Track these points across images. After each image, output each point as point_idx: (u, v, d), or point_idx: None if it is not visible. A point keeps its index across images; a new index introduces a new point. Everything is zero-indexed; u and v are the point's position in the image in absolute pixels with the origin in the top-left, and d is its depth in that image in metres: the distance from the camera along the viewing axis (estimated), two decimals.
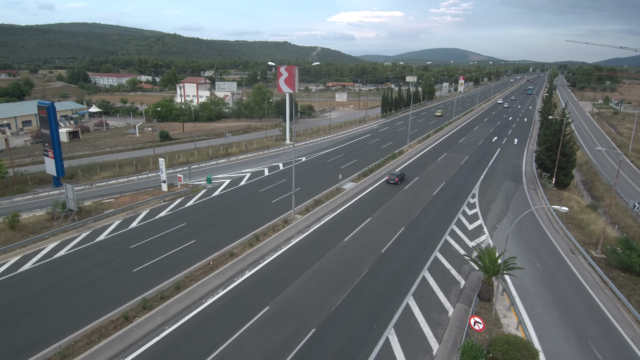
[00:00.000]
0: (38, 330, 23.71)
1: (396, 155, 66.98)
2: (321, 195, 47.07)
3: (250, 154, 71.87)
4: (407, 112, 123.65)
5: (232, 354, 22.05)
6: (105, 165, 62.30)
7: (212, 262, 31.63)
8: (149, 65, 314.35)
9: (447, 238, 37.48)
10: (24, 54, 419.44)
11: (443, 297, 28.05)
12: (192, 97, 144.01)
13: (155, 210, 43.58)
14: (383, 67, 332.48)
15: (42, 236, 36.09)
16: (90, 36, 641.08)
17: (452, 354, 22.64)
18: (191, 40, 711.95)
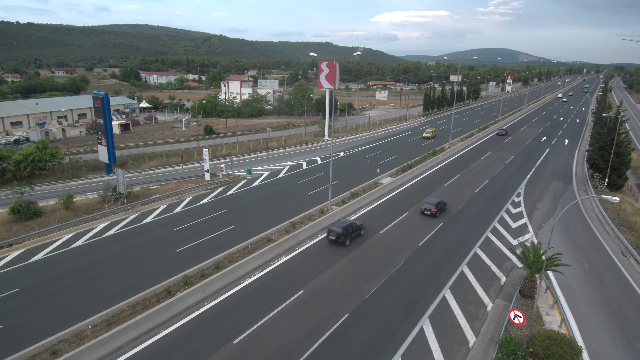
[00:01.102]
0: (86, 300, 25.32)
1: (437, 152, 65.59)
2: (358, 189, 46.96)
3: (289, 149, 72.87)
4: (450, 111, 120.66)
5: (267, 332, 22.56)
6: (153, 155, 65.40)
7: (250, 245, 32.44)
8: (195, 64, 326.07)
9: (489, 235, 36.31)
10: (81, 53, 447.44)
11: (482, 292, 27.24)
12: (235, 94, 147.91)
13: (198, 197, 45.23)
14: (426, 66, 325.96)
15: (94, 216, 38.47)
16: (141, 37, 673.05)
17: (490, 348, 21.95)
18: (236, 41, 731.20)
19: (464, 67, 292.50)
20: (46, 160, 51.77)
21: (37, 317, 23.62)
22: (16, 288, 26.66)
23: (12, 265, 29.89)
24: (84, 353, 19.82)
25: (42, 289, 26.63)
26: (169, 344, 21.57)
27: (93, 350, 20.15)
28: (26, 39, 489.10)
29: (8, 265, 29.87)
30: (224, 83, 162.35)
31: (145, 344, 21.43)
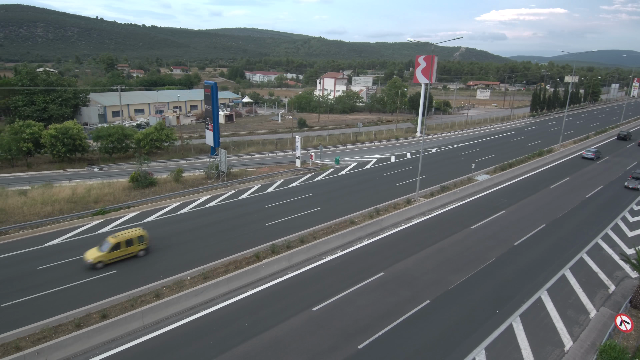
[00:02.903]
0: (186, 257, 28.12)
1: (544, 152, 59.99)
2: (449, 183, 45.03)
3: (378, 143, 72.46)
4: (562, 113, 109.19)
5: (345, 304, 22.90)
6: (252, 142, 70.10)
7: (334, 226, 33.12)
8: (294, 64, 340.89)
9: (599, 241, 32.35)
10: (195, 54, 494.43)
11: (585, 298, 24.43)
12: (329, 90, 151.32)
13: (288, 181, 47.38)
14: (537, 66, 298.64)
15: (198, 189, 42.53)
16: (248, 40, 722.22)
17: (588, 355, 19.62)
18: (334, 42, 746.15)
19: (581, 68, 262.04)
20: (162, 140, 58.48)
21: (144, 266, 26.91)
22: None
23: (128, 223, 34.39)
24: (182, 299, 22.10)
25: (151, 244, 30.21)
26: (255, 301, 23.08)
27: (190, 297, 22.38)
28: (150, 40, 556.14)
29: (125, 223, 34.44)
30: (319, 80, 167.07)
31: (234, 299, 23.21)
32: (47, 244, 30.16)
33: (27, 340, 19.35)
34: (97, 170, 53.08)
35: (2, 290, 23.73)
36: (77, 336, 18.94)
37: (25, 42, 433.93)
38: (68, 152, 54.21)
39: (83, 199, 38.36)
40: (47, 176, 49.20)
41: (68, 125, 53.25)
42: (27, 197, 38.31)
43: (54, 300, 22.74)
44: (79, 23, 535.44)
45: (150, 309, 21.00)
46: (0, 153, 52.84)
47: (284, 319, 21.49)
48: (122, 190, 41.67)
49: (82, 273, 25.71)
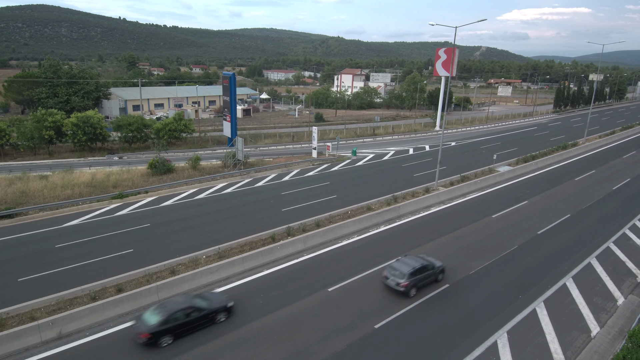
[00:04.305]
0: (202, 238, 28.04)
1: (568, 146, 58.17)
2: (469, 173, 44.00)
3: (397, 136, 71.53)
4: (586, 110, 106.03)
5: (361, 286, 22.42)
6: (268, 135, 70.08)
7: (350, 211, 32.63)
8: (312, 63, 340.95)
9: (627, 232, 31.03)
10: (215, 54, 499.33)
11: (612, 286, 23.35)
12: (347, 87, 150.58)
13: (304, 171, 47.05)
14: (560, 65, 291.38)
15: (215, 177, 42.60)
16: (267, 40, 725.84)
17: (616, 341, 18.66)
18: (352, 42, 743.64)
19: (606, 67, 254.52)
20: (180, 130, 58.91)
21: (161, 246, 26.92)
22: (148, 223, 30.78)
23: (146, 207, 34.62)
24: (197, 275, 21.97)
25: (168, 226, 30.31)
26: (270, 281, 22.80)
27: (205, 275, 22.22)
28: (171, 40, 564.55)
29: (143, 206, 34.67)
30: (336, 76, 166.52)
31: (249, 278, 22.98)
32: (66, 224, 30.55)
33: (42, 311, 19.46)
34: (117, 159, 53.82)
35: (20, 266, 24.04)
36: (92, 308, 18.96)
37: (50, 41, 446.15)
38: (89, 141, 55.11)
39: (102, 184, 38.83)
40: (67, 163, 50.07)
41: (89, 114, 54.15)
42: (48, 181, 39.01)
43: (71, 276, 22.89)
44: (102, 23, 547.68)
45: (166, 284, 20.92)
46: (24, 141, 54.07)
47: (299, 298, 21.13)
48: (140, 176, 42.06)
49: (99, 251, 25.88)
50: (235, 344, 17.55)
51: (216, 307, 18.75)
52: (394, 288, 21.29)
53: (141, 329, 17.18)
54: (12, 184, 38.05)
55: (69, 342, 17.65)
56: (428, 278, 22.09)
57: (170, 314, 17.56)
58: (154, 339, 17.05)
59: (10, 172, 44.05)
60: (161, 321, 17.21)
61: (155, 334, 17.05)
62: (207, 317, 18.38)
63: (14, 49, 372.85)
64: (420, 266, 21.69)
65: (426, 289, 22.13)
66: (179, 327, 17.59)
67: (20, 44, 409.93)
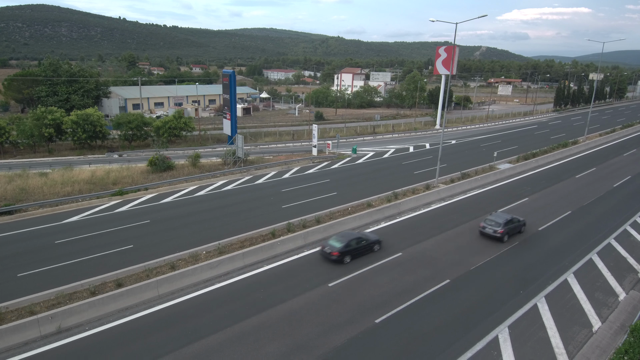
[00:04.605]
0: (203, 234, 27.96)
1: (568, 144, 58.10)
2: (470, 171, 43.92)
3: (397, 134, 71.47)
4: (586, 109, 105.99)
5: (362, 281, 22.35)
6: (268, 133, 70.05)
7: (351, 208, 32.56)
8: (312, 63, 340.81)
9: (628, 228, 30.95)
10: (214, 53, 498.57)
11: (614, 282, 23.28)
12: (347, 86, 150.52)
13: (305, 168, 46.99)
14: (560, 65, 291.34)
15: (215, 174, 42.56)
16: (266, 39, 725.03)
17: (618, 336, 18.58)
18: (352, 42, 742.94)
19: (606, 67, 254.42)
20: (180, 128, 58.82)
21: (161, 242, 26.85)
22: (147, 220, 30.73)
23: (146, 203, 34.56)
24: (197, 270, 21.89)
25: (168, 222, 30.25)
26: (271, 276, 22.73)
27: (205, 270, 22.15)
28: (171, 40, 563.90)
29: (143, 203, 34.61)
30: (337, 75, 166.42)
31: (249, 273, 22.91)
32: (66, 220, 30.47)
33: (42, 306, 19.39)
34: (117, 157, 53.75)
35: (19, 262, 23.98)
36: (92, 302, 18.89)
37: (50, 41, 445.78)
38: (88, 139, 55.04)
39: (102, 181, 38.78)
40: (67, 161, 50.01)
41: (89, 112, 54.08)
42: (48, 178, 38.94)
43: (70, 271, 22.83)
44: (102, 23, 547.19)
45: (166, 279, 20.84)
46: (23, 139, 53.99)
47: (299, 293, 21.06)
48: (140, 174, 41.99)
49: (99, 247, 25.81)
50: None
51: (373, 240, 25.34)
52: (492, 235, 27.37)
53: (332, 249, 23.77)
54: (11, 181, 37.99)
55: (69, 337, 17.58)
56: (516, 229, 28.31)
57: (348, 241, 24.11)
58: (340, 257, 23.71)
59: (10, 170, 43.97)
60: (344, 245, 23.83)
61: (342, 254, 23.71)
62: (368, 247, 25.04)
63: (14, 48, 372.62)
64: (510, 218, 27.96)
65: (426, 283, 22.11)
66: (353, 250, 24.22)
67: (20, 43, 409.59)
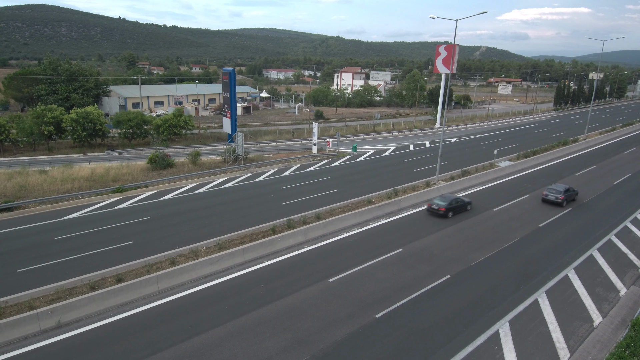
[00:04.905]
0: (203, 231, 27.93)
1: (568, 142, 58.07)
2: (470, 168, 43.94)
3: (397, 133, 71.44)
4: (586, 108, 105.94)
5: (362, 277, 22.31)
6: (268, 132, 69.99)
7: (351, 204, 32.52)
8: (312, 62, 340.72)
9: (628, 225, 30.95)
10: (214, 53, 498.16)
11: (614, 277, 23.26)
12: (347, 85, 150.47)
13: (305, 166, 46.96)
14: (560, 64, 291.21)
15: (215, 171, 42.53)
16: (266, 39, 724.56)
17: (619, 331, 18.55)
18: (352, 42, 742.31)
19: (606, 66, 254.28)
20: (180, 126, 58.76)
21: (161, 238, 26.80)
22: (147, 216, 30.69)
23: (146, 200, 34.52)
24: (197, 266, 21.85)
25: (168, 219, 30.20)
26: (270, 272, 22.69)
27: (205, 265, 22.11)
28: (171, 40, 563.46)
29: (143, 200, 34.57)
30: (337, 74, 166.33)
31: (249, 269, 22.86)
32: (66, 217, 30.43)
33: (41, 301, 19.35)
34: (117, 155, 53.69)
35: (19, 257, 23.92)
36: (92, 297, 18.84)
37: (49, 41, 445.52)
38: (88, 137, 54.98)
39: (102, 178, 38.73)
40: (67, 159, 49.94)
41: (89, 110, 54.01)
42: (47, 175, 38.91)
43: (70, 267, 22.77)
44: (102, 23, 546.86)
45: (166, 275, 20.80)
46: (23, 137, 53.93)
47: (299, 289, 21.02)
48: (140, 171, 41.94)
49: (99, 243, 25.76)
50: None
51: (466, 202, 32.51)
52: (553, 200, 33.91)
53: (439, 206, 30.93)
54: (11, 178, 37.94)
55: (68, 331, 17.52)
56: (572, 196, 34.74)
57: (450, 201, 31.36)
58: (446, 212, 30.82)
59: (9, 167, 43.93)
60: (447, 204, 31.00)
61: (447, 210, 30.85)
62: (463, 206, 32.16)
63: (14, 48, 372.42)
64: (568, 187, 34.61)
65: (426, 279, 22.07)
66: (454, 208, 31.32)
67: (20, 43, 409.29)
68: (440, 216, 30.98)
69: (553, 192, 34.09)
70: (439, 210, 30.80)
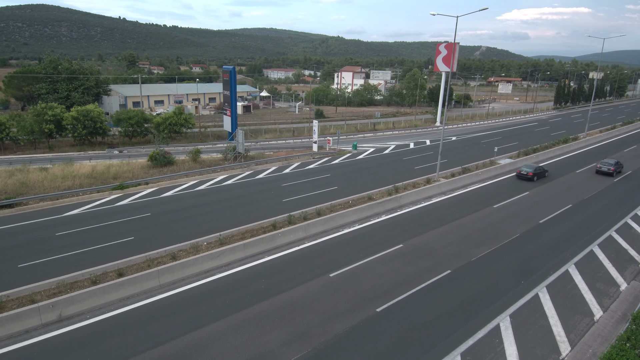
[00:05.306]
0: (204, 227, 27.92)
1: (569, 140, 58.12)
2: (470, 165, 43.98)
3: (397, 131, 71.46)
4: (586, 107, 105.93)
5: (363, 271, 22.34)
6: (269, 130, 70.02)
7: (351, 201, 32.57)
8: (312, 62, 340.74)
9: (629, 221, 30.97)
10: (215, 53, 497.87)
11: (615, 272, 23.29)
12: (347, 84, 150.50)
13: (305, 164, 46.99)
14: (560, 64, 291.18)
15: (215, 169, 42.53)
16: (266, 39, 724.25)
17: (620, 325, 18.58)
18: (352, 42, 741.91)
19: (606, 66, 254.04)
20: (181, 125, 58.80)
21: (162, 234, 26.83)
22: (148, 213, 30.72)
23: (147, 197, 34.56)
24: (198, 261, 21.88)
25: (169, 215, 30.24)
26: (271, 267, 22.72)
27: (206, 260, 22.14)
28: (171, 40, 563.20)
29: (144, 197, 34.61)
30: (337, 74, 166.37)
31: (250, 264, 22.89)
32: (66, 213, 30.46)
33: (43, 295, 19.37)
34: (117, 153, 53.71)
35: (20, 253, 23.94)
36: (93, 291, 18.86)
37: (49, 40, 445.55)
38: (89, 135, 55.01)
39: (102, 175, 38.76)
40: (68, 157, 49.97)
41: (89, 108, 54.04)
42: (48, 172, 38.94)
43: (71, 262, 22.80)
44: (102, 23, 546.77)
45: (167, 269, 20.82)
46: (24, 135, 53.95)
47: (300, 283, 21.05)
48: (140, 169, 41.99)
49: (100, 239, 25.80)
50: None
51: (545, 169, 41.18)
52: (606, 171, 42.02)
53: (528, 172, 39.54)
54: (12, 175, 37.97)
55: (70, 325, 17.56)
56: (619, 167, 42.76)
57: (536, 168, 40.02)
58: (533, 176, 39.34)
59: (10, 165, 43.97)
60: (534, 170, 39.55)
61: (533, 175, 39.41)
62: (544, 173, 40.81)
63: (14, 48, 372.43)
64: (617, 161, 42.84)
65: (426, 274, 22.08)
66: (538, 174, 39.94)
67: (20, 43, 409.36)
68: (528, 180, 39.64)
69: (605, 165, 42.29)
70: (527, 174, 39.52)
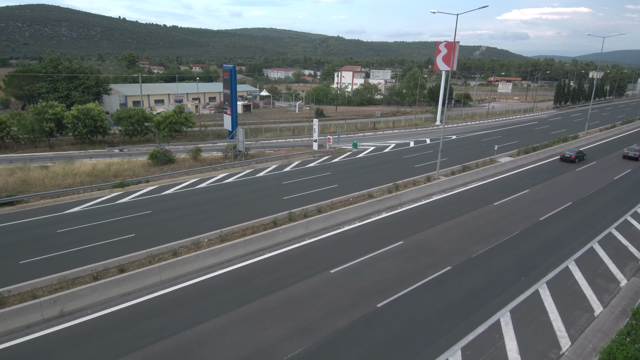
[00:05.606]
0: (204, 224, 27.97)
1: (569, 138, 58.24)
2: (471, 163, 44.04)
3: (397, 130, 71.51)
4: (586, 106, 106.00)
5: (364, 268, 22.39)
6: (269, 129, 70.10)
7: (352, 198, 32.62)
8: (312, 62, 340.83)
9: (629, 218, 31.02)
10: (214, 53, 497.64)
11: (615, 269, 23.35)
12: (347, 83, 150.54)
13: (305, 162, 47.04)
14: (560, 64, 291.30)
15: (215, 167, 42.60)
16: (266, 39, 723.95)
17: (619, 320, 18.63)
18: (352, 42, 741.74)
19: (606, 66, 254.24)
20: (181, 123, 58.85)
21: (163, 231, 26.87)
22: (149, 210, 30.76)
23: (147, 195, 34.61)
24: (199, 257, 21.93)
25: (169, 213, 30.30)
26: (272, 263, 22.77)
27: (207, 257, 22.19)
28: (171, 39, 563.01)
29: (144, 195, 34.65)
30: (337, 73, 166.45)
31: (251, 261, 22.93)
32: (67, 211, 30.50)
33: (44, 290, 19.42)
34: (117, 151, 53.76)
35: (21, 250, 23.99)
36: (94, 287, 18.91)
37: (49, 40, 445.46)
38: (89, 133, 55.06)
39: (103, 173, 38.82)
40: (68, 156, 49.97)
41: (90, 106, 54.09)
42: (49, 170, 38.98)
43: (72, 259, 22.84)
44: (102, 23, 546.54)
45: (168, 265, 20.87)
46: (24, 133, 54.01)
47: (301, 279, 21.10)
48: (141, 167, 42.04)
49: (101, 236, 25.84)
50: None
51: (584, 153, 46.59)
52: (632, 156, 47.39)
53: (571, 155, 45.03)
54: (13, 173, 38.01)
55: (71, 320, 17.61)
56: None
57: (577, 152, 45.51)
58: (575, 159, 45.00)
59: (10, 163, 44.00)
60: (576, 153, 45.16)
61: (576, 157, 45.18)
62: (583, 156, 46.40)
63: (14, 48, 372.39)
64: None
65: (427, 270, 22.13)
66: (579, 157, 45.69)
67: (20, 43, 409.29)
68: (571, 161, 45.31)
69: (632, 150, 47.14)
70: (570, 157, 45.04)
